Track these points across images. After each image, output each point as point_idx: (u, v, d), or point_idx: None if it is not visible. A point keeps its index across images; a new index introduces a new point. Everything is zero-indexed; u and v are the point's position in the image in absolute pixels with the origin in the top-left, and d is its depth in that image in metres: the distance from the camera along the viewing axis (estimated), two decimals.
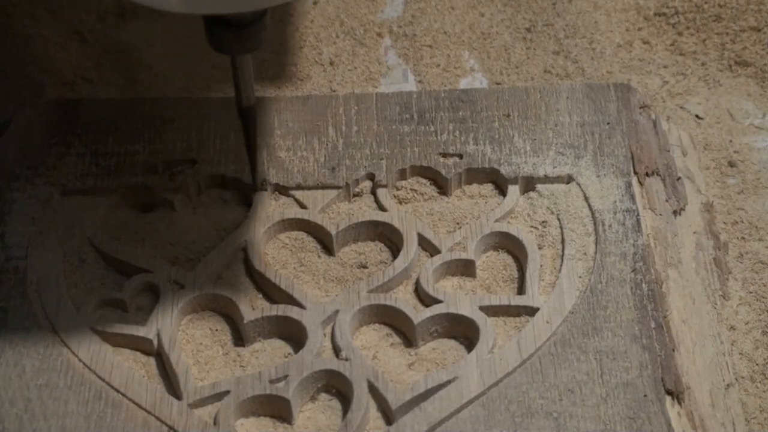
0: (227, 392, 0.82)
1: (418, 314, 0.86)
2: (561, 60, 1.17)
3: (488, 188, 0.96)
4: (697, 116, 1.12)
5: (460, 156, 0.96)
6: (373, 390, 0.82)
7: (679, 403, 0.81)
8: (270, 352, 0.86)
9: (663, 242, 0.91)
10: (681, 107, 1.13)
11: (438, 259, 0.90)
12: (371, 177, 0.95)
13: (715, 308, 0.94)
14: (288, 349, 0.86)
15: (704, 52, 1.18)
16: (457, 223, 0.93)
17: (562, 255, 0.89)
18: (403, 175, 0.96)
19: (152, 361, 0.85)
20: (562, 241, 0.90)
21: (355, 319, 0.87)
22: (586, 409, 0.80)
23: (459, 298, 0.87)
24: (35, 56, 1.18)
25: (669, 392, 0.81)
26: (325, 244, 0.92)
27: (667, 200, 0.95)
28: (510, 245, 0.92)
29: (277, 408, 0.82)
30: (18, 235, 0.91)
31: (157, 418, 0.81)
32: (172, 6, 0.76)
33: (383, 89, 1.14)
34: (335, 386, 0.83)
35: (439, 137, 0.97)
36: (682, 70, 1.17)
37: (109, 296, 0.88)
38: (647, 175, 0.95)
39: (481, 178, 0.96)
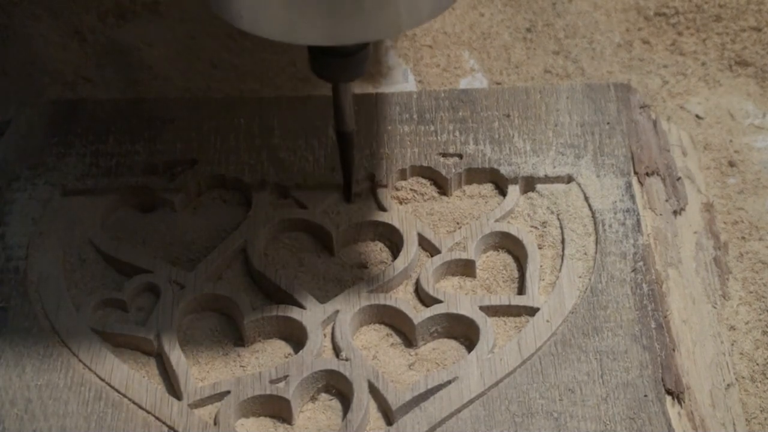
0: (227, 392, 0.82)
1: (418, 314, 0.86)
2: (561, 60, 1.17)
3: (488, 188, 0.96)
4: (697, 116, 1.12)
5: (460, 156, 0.96)
6: (374, 390, 0.82)
7: (680, 403, 0.81)
8: (270, 352, 0.86)
9: (663, 242, 0.91)
10: (681, 107, 1.13)
11: (438, 259, 0.90)
12: (371, 177, 0.95)
13: (715, 308, 0.94)
14: (288, 349, 0.86)
15: (704, 52, 1.18)
16: (457, 223, 0.93)
17: (563, 255, 0.89)
18: (403, 175, 0.96)
19: (152, 361, 0.85)
20: (563, 241, 0.90)
21: (355, 320, 0.87)
22: (586, 409, 0.80)
23: (459, 298, 0.87)
24: (35, 56, 1.18)
25: (669, 392, 0.81)
26: (325, 244, 0.92)
27: (667, 200, 0.95)
28: (510, 245, 0.92)
29: (277, 408, 0.82)
30: (18, 235, 0.91)
31: (158, 419, 0.81)
32: (276, 35, 0.77)
33: (383, 89, 1.14)
34: (335, 386, 0.83)
35: (439, 137, 0.97)
36: (682, 70, 1.17)
37: (110, 296, 0.88)
38: (647, 175, 0.95)
39: (481, 178, 0.96)
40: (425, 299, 0.88)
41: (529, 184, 0.94)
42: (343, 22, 0.75)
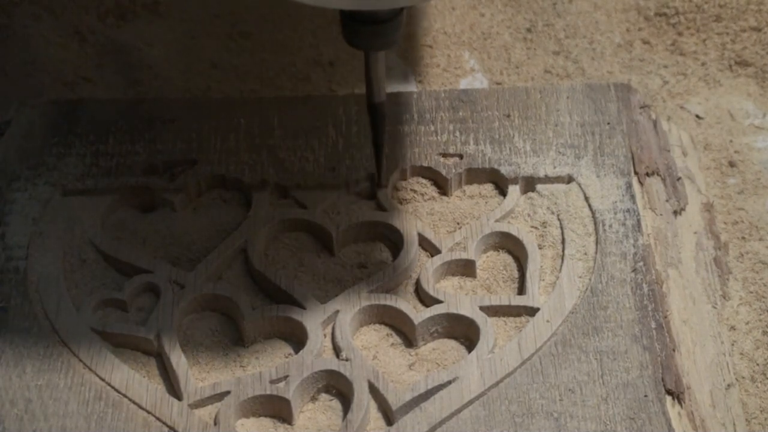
0: (227, 392, 0.82)
1: (419, 314, 0.86)
2: (561, 60, 1.17)
3: (488, 188, 0.96)
4: (697, 116, 1.12)
5: (460, 156, 0.96)
6: (374, 390, 0.82)
7: (680, 404, 0.81)
8: (270, 353, 0.86)
9: (663, 242, 0.91)
10: (681, 107, 1.13)
11: (438, 259, 0.90)
12: (371, 177, 0.95)
13: (715, 308, 0.94)
14: (288, 349, 0.86)
15: (704, 52, 1.18)
16: (458, 223, 0.93)
17: (563, 255, 0.89)
18: (403, 175, 0.96)
19: (153, 361, 0.85)
20: (563, 241, 0.90)
21: (355, 320, 0.86)
22: (586, 410, 0.80)
23: (459, 298, 0.87)
24: (35, 56, 1.18)
25: (669, 392, 0.81)
26: (325, 244, 0.92)
27: (667, 200, 0.95)
28: (510, 245, 0.92)
29: (277, 408, 0.82)
30: (18, 235, 0.91)
31: (158, 419, 0.81)
32: (310, 0, 0.76)
33: None
34: (336, 386, 0.83)
35: (439, 137, 0.97)
36: (682, 70, 1.17)
37: (110, 296, 0.88)
38: (647, 175, 0.95)
39: (481, 178, 0.96)
40: (425, 299, 0.88)
41: (530, 184, 0.94)
42: None
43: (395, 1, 0.76)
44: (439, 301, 0.87)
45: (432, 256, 0.91)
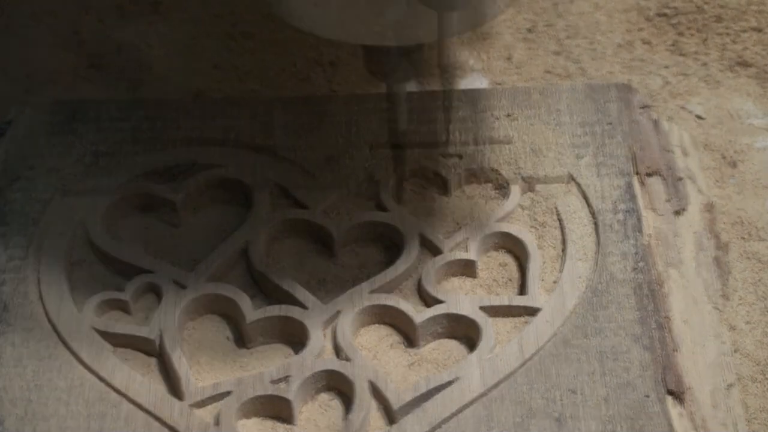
0: (228, 393, 0.82)
1: (419, 314, 0.86)
2: (562, 60, 1.17)
3: (488, 188, 0.96)
4: (698, 116, 1.12)
5: (460, 156, 0.96)
6: (375, 390, 0.82)
7: (681, 404, 0.81)
8: (271, 353, 0.86)
9: (664, 242, 0.91)
10: (682, 107, 1.13)
11: (439, 260, 0.90)
12: (371, 177, 0.95)
13: (716, 308, 0.94)
14: (289, 349, 0.86)
15: (705, 53, 1.18)
16: (458, 224, 0.93)
17: (563, 255, 0.89)
18: (403, 175, 0.96)
19: (154, 361, 0.85)
20: (563, 241, 0.90)
21: (356, 320, 0.86)
22: (587, 410, 0.80)
23: (460, 298, 0.87)
24: (35, 56, 1.18)
25: (670, 392, 0.81)
26: (326, 244, 0.92)
27: (668, 200, 0.95)
28: (511, 245, 0.92)
29: (278, 408, 0.82)
30: (19, 235, 0.91)
31: (158, 419, 0.80)
32: (334, 35, 0.79)
33: (383, 89, 1.14)
34: (336, 387, 0.83)
35: (439, 137, 0.97)
36: (683, 71, 1.17)
37: (111, 297, 0.88)
38: (648, 175, 0.95)
39: (481, 179, 0.96)
40: (426, 299, 0.88)
41: (530, 184, 0.94)
42: (397, 25, 0.77)
43: (417, 38, 0.78)
44: (439, 301, 0.87)
45: (433, 256, 0.90)
